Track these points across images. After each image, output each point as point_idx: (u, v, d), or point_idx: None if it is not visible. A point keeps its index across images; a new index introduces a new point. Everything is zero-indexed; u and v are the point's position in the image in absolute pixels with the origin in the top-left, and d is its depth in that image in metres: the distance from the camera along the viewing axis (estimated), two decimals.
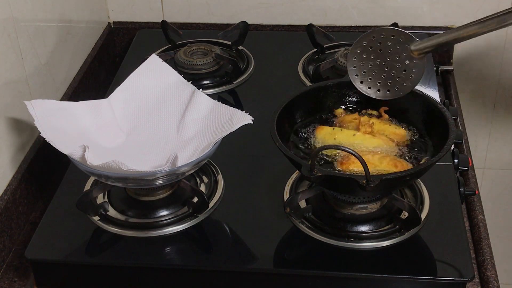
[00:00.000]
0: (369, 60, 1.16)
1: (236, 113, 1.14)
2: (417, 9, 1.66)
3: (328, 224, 1.09)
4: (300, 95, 1.18)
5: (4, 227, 1.16)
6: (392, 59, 1.15)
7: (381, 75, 1.16)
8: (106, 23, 1.73)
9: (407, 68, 1.14)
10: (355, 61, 1.16)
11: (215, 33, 1.59)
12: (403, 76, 1.15)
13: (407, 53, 1.13)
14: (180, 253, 1.08)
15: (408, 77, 1.14)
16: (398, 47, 1.14)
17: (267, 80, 1.50)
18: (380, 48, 1.15)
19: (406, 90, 1.15)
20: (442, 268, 1.03)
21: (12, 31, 1.21)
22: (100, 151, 1.14)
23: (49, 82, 1.37)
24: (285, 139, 1.13)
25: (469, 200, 1.24)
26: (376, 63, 1.16)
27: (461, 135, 1.32)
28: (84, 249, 1.09)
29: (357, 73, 1.17)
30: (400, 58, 1.14)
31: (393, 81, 1.16)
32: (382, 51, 1.15)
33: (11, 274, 1.14)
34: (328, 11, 1.68)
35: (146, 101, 1.23)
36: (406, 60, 1.14)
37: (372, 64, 1.16)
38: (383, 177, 0.97)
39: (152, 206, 1.14)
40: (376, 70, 1.16)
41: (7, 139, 1.20)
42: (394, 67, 1.15)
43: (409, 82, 1.15)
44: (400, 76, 1.15)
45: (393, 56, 1.15)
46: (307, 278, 1.04)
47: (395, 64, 1.15)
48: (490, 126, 1.79)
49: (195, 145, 1.15)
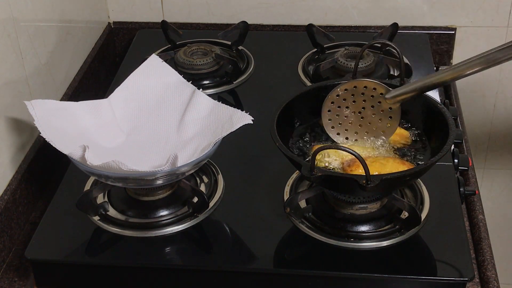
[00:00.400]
0: (344, 111, 1.16)
1: (236, 113, 1.14)
2: (417, 9, 1.66)
3: (328, 224, 1.09)
4: (300, 95, 1.18)
5: (4, 227, 1.16)
6: (367, 108, 1.15)
7: (357, 125, 1.16)
8: (106, 23, 1.73)
9: (382, 117, 1.14)
10: (330, 114, 1.16)
11: (215, 33, 1.59)
12: (379, 125, 1.15)
13: (382, 102, 1.14)
14: (180, 253, 1.09)
15: (385, 126, 1.15)
16: (372, 96, 1.14)
17: (267, 80, 1.50)
18: (354, 99, 1.15)
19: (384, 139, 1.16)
20: (442, 268, 1.03)
21: (12, 31, 1.21)
22: (100, 151, 1.14)
23: (49, 82, 1.37)
24: (285, 139, 1.13)
25: (469, 200, 1.24)
26: (352, 114, 1.16)
27: (461, 135, 1.32)
28: (84, 249, 1.09)
29: (333, 125, 1.17)
30: (375, 108, 1.15)
31: (369, 131, 1.16)
32: (356, 101, 1.15)
33: (11, 274, 1.14)
34: (328, 11, 1.68)
35: (146, 101, 1.23)
36: (381, 109, 1.14)
37: (347, 114, 1.16)
38: (383, 177, 0.97)
39: (152, 206, 1.14)
40: (351, 121, 1.16)
41: (7, 139, 1.20)
42: (370, 117, 1.15)
43: (386, 131, 1.15)
44: (376, 126, 1.15)
45: (368, 106, 1.15)
46: (307, 278, 1.04)
47: (370, 114, 1.15)
48: (490, 126, 1.79)
49: (195, 145, 1.15)
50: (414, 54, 1.54)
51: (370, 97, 1.14)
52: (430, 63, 1.53)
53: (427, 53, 1.57)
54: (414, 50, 1.57)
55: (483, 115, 1.78)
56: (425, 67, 1.52)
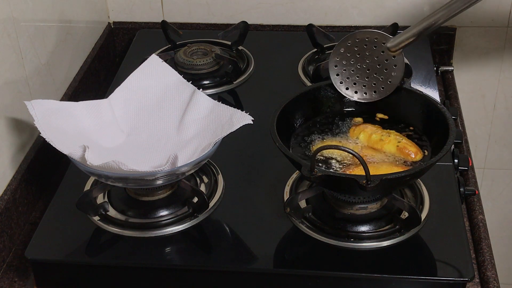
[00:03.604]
0: (350, 66, 1.18)
1: (236, 113, 1.14)
2: (417, 9, 1.66)
3: (328, 224, 1.09)
4: (300, 95, 1.18)
5: (4, 227, 1.16)
6: (372, 60, 1.17)
7: (364, 78, 1.18)
8: (106, 23, 1.73)
9: (388, 67, 1.16)
10: (337, 69, 1.19)
11: (215, 33, 1.59)
12: (385, 75, 1.17)
13: (385, 52, 1.15)
14: (180, 253, 1.09)
15: (391, 74, 1.16)
16: (374, 47, 1.16)
17: (267, 80, 1.50)
18: (358, 52, 1.17)
19: (391, 88, 1.17)
20: (442, 268, 1.03)
21: (12, 31, 1.21)
22: (100, 151, 1.14)
23: (49, 82, 1.37)
24: (285, 139, 1.13)
25: (469, 200, 1.24)
26: (357, 67, 1.18)
27: (461, 135, 1.32)
28: (84, 249, 1.09)
29: (341, 80, 1.19)
30: (379, 58, 1.16)
31: (377, 82, 1.18)
32: (361, 54, 1.17)
33: (11, 274, 1.14)
34: (328, 11, 1.68)
35: (146, 101, 1.23)
36: (385, 59, 1.16)
37: (354, 69, 1.18)
38: (383, 177, 0.97)
39: (152, 206, 1.14)
40: (358, 74, 1.18)
41: (7, 139, 1.20)
42: (375, 68, 1.17)
43: (392, 80, 1.17)
44: (383, 76, 1.17)
45: (372, 57, 1.17)
46: (307, 278, 1.04)
47: (375, 65, 1.17)
48: (490, 126, 1.79)
49: (195, 145, 1.15)
50: (414, 54, 1.53)
51: (373, 48, 1.16)
52: (430, 63, 1.53)
53: (427, 53, 1.57)
54: (414, 50, 1.56)
55: (483, 115, 1.78)
56: (425, 67, 1.52)
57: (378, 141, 1.10)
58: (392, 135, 1.11)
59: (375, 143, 1.11)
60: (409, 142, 1.09)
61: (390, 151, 1.09)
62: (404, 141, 1.09)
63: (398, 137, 1.10)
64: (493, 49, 1.67)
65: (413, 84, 1.44)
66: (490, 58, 1.68)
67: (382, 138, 1.10)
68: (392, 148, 1.09)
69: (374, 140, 1.11)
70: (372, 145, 1.11)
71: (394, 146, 1.09)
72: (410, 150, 1.08)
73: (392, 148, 1.09)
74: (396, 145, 1.09)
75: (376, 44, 1.16)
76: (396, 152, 1.08)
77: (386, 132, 1.12)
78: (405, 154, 1.08)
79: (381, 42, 1.15)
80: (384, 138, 1.10)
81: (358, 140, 1.13)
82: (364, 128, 1.15)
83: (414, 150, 1.08)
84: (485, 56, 1.69)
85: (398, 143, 1.09)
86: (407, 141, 1.09)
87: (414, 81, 1.46)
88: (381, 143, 1.10)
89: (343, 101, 1.22)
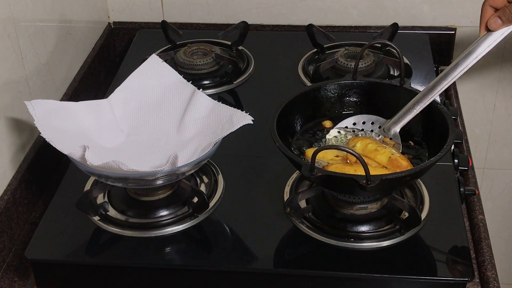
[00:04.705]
0: None
1: (236, 113, 1.14)
2: (417, 9, 1.66)
3: (328, 224, 1.09)
4: (300, 95, 1.18)
5: (4, 227, 1.16)
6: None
7: None
8: (106, 23, 1.73)
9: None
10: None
11: (215, 33, 1.59)
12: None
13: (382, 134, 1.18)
14: (180, 253, 1.09)
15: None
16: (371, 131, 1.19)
17: (267, 80, 1.50)
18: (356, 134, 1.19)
19: None
20: (442, 268, 1.03)
21: (12, 31, 1.21)
22: (100, 151, 1.14)
23: (49, 82, 1.37)
24: (285, 139, 1.13)
25: (469, 200, 1.24)
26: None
27: (461, 135, 1.32)
28: (84, 249, 1.09)
29: None
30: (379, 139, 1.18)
31: None
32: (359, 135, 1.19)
33: (11, 274, 1.14)
34: (328, 11, 1.68)
35: (146, 101, 1.23)
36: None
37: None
38: (383, 177, 0.97)
39: (152, 206, 1.14)
40: None
41: (7, 139, 1.20)
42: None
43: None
44: None
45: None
46: (307, 278, 1.04)
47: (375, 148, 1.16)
48: (490, 126, 1.79)
49: (195, 145, 1.15)
50: (414, 54, 1.54)
51: (370, 131, 1.18)
52: (430, 63, 1.53)
53: (427, 53, 1.57)
54: (414, 50, 1.57)
55: (483, 115, 1.78)
56: (425, 67, 1.52)
57: (373, 151, 1.10)
58: (388, 148, 1.10)
59: (370, 152, 1.10)
60: (402, 157, 1.09)
61: (381, 161, 1.08)
62: (398, 155, 1.08)
63: (393, 151, 1.09)
64: (493, 49, 1.67)
65: (413, 84, 1.43)
66: (490, 58, 1.68)
67: (377, 148, 1.10)
68: (384, 159, 1.08)
69: (370, 150, 1.11)
70: (366, 153, 1.10)
71: (387, 157, 1.08)
72: (401, 163, 1.07)
73: (384, 159, 1.08)
74: (388, 156, 1.08)
75: (373, 128, 1.18)
76: (387, 163, 1.08)
77: (384, 146, 1.11)
78: (395, 167, 1.07)
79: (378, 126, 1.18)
80: (380, 149, 1.10)
81: (354, 147, 1.12)
82: (364, 138, 1.14)
83: (405, 164, 1.07)
84: (485, 56, 1.68)
85: (391, 155, 1.08)
86: (401, 156, 1.09)
87: (414, 81, 1.46)
88: (375, 153, 1.09)
89: (343, 102, 1.22)
